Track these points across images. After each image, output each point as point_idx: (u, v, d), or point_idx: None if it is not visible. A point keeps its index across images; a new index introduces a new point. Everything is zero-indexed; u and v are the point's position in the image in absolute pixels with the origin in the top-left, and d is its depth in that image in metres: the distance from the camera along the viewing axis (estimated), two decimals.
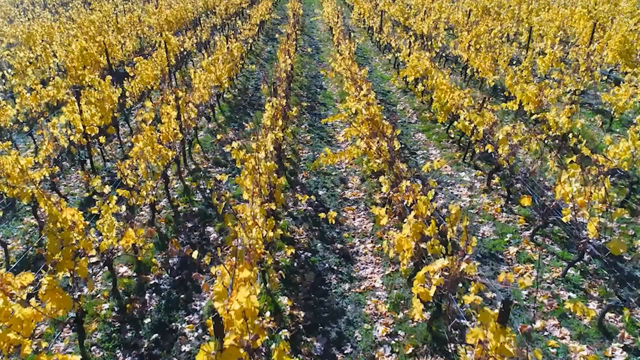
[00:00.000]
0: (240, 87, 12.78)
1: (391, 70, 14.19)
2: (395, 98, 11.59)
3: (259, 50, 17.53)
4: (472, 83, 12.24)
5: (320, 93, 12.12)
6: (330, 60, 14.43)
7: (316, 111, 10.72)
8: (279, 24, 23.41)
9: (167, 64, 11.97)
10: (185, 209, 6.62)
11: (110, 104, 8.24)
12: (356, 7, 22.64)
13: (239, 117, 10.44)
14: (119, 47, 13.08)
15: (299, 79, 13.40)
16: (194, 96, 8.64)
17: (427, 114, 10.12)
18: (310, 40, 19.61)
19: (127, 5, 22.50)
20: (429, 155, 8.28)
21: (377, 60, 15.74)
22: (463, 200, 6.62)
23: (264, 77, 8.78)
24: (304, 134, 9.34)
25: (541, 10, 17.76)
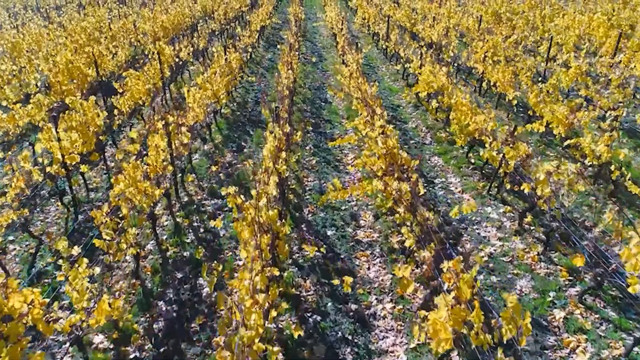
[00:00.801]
0: (240, 100, 11.96)
1: (400, 81, 13.36)
2: (406, 114, 10.76)
3: (259, 58, 16.71)
4: (488, 97, 11.42)
5: (325, 107, 11.29)
6: (336, 73, 13.62)
7: (321, 129, 9.89)
8: (280, 29, 22.58)
9: (161, 76, 11.15)
10: (175, 254, 5.79)
11: (94, 127, 7.42)
12: (360, 11, 21.82)
13: (238, 136, 9.61)
14: (110, 57, 12.25)
15: (302, 90, 12.58)
16: (187, 118, 7.81)
17: (442, 133, 9.29)
18: (313, 46, 18.79)
19: (122, 9, 21.67)
20: (448, 184, 7.45)
21: (383, 70, 14.91)
22: (492, 244, 5.79)
23: (264, 98, 7.99)
24: (308, 157, 8.52)
25: (556, 16, 16.94)
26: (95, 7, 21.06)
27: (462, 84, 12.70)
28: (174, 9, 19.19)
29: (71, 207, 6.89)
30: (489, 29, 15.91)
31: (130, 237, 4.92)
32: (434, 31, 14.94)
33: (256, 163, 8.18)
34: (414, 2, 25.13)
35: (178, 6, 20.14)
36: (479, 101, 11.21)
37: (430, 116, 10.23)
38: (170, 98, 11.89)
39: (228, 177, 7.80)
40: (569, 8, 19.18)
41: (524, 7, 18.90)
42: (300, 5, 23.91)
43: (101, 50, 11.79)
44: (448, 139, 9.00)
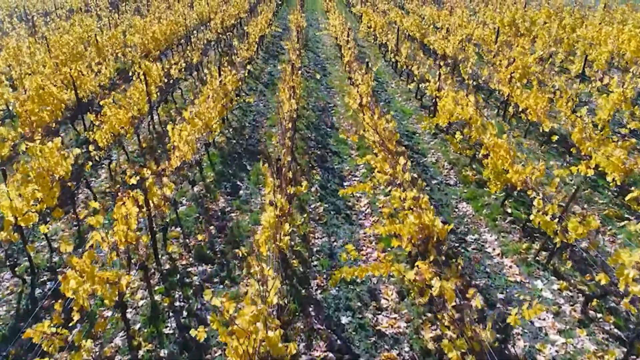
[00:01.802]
0: (236, 124, 10.73)
1: (413, 101, 12.13)
2: (423, 143, 9.53)
3: (258, 71, 15.47)
4: (514, 121, 10.19)
5: (331, 135, 10.05)
6: (342, 90, 12.39)
7: (328, 164, 8.66)
8: (281, 37, 21.35)
9: (147, 99, 9.92)
10: (150, 355, 4.56)
11: (60, 173, 6.19)
12: (365, 18, 20.61)
13: (233, 172, 8.38)
14: (93, 76, 11.01)
15: (305, 113, 11.35)
16: (171, 160, 6.58)
17: (468, 171, 8.06)
18: (316, 57, 17.55)
19: (113, 17, 20.44)
20: (483, 243, 6.22)
21: (393, 86, 13.68)
22: (553, 341, 4.56)
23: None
24: (314, 203, 7.28)
25: (577, 27, 15.72)
26: (83, 15, 19.81)
27: (483, 104, 11.49)
28: (167, 18, 17.96)
29: (28, 276, 5.67)
30: (508, 42, 14.69)
31: (83, 354, 3.69)
32: (449, 44, 13.71)
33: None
34: (421, 9, 23.92)
35: (172, 14, 18.91)
36: (503, 127, 9.99)
37: (451, 146, 9.00)
38: (159, 122, 10.66)
39: (220, 232, 6.57)
40: (591, 17, 17.96)
41: (541, 15, 17.68)
42: (301, 11, 22.69)
43: (81, 69, 10.56)
44: (476, 179, 7.77)
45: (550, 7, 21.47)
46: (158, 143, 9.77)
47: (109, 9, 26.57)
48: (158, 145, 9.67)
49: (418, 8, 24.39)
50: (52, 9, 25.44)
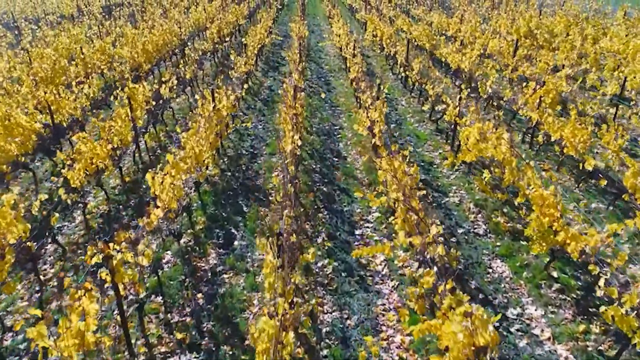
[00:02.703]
0: (232, 152, 9.63)
1: (427, 123, 11.02)
2: (442, 177, 8.43)
3: (257, 86, 14.38)
4: (542, 150, 9.10)
5: (339, 166, 8.95)
6: (348, 110, 11.29)
7: (336, 204, 7.56)
8: (281, 46, 20.26)
9: (132, 125, 8.83)
10: None
11: (12, 239, 5.09)
12: (370, 26, 19.52)
13: (227, 217, 7.28)
14: (73, 98, 9.92)
15: (309, 138, 10.25)
16: (151, 217, 5.49)
17: (499, 216, 6.97)
18: (319, 69, 16.46)
19: (105, 25, 19.33)
20: (529, 320, 5.12)
21: (404, 104, 12.58)
22: None
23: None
24: (321, 261, 6.18)
25: (600, 38, 14.62)
26: (75, 22, 18.70)
27: (505, 127, 10.38)
28: (160, 27, 16.86)
29: None
30: (529, 56, 13.59)
31: None
32: (464, 58, 12.61)
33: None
34: (428, 15, 22.84)
35: (166, 22, 17.81)
36: (527, 153, 8.90)
37: (477, 184, 7.91)
38: (146, 149, 9.56)
39: (210, 302, 5.48)
40: (612, 26, 16.86)
41: (559, 24, 16.58)
42: (302, 17, 21.60)
43: (60, 91, 9.47)
44: (509, 228, 6.68)
45: (564, 12, 20.39)
46: (144, 176, 8.67)
47: (102, 14, 25.48)
48: (143, 179, 8.57)
49: (425, 14, 23.30)
50: (42, 15, 24.32)
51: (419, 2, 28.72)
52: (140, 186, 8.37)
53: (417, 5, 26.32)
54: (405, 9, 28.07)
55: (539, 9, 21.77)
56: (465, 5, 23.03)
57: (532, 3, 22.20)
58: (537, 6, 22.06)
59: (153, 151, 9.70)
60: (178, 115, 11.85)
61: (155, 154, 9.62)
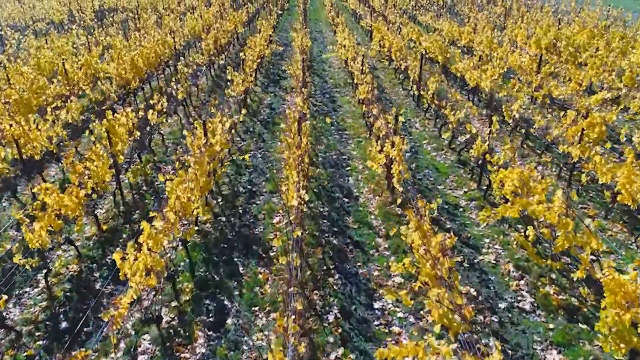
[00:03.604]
0: (227, 190, 8.45)
1: (446, 151, 9.83)
2: (471, 225, 7.24)
3: (257, 104, 13.20)
4: (585, 191, 7.91)
5: (349, 209, 7.76)
6: (357, 133, 10.09)
7: (349, 265, 6.37)
8: (282, 56, 19.07)
9: (112, 163, 7.65)
10: None
11: None
12: (377, 35, 18.35)
13: (220, 282, 6.10)
14: (48, 126, 8.74)
15: (314, 170, 9.06)
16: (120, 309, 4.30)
17: (547, 284, 5.78)
18: (323, 84, 15.27)
19: (95, 35, 18.13)
20: None
21: (418, 127, 11.38)
22: None
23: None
24: (334, 350, 4.98)
25: (628, 51, 13.43)
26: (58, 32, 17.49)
27: (534, 158, 9.21)
28: (153, 37, 15.67)
29: None
30: (555, 73, 12.41)
31: None
32: (484, 76, 11.42)
33: None
34: (437, 23, 21.66)
35: (159, 33, 16.61)
36: (566, 192, 7.72)
37: (516, 238, 6.73)
38: (130, 187, 8.37)
39: None
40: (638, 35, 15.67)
41: (581, 35, 15.39)
42: (304, 25, 20.41)
43: (31, 121, 8.29)
44: (563, 303, 5.49)
45: (582, 20, 19.21)
46: (125, 222, 7.49)
47: (94, 20, 24.30)
48: (124, 226, 7.39)
49: (434, 22, 22.12)
50: (31, 22, 23.12)
51: (426, 8, 27.54)
52: (121, 235, 7.19)
53: (425, 12, 25.13)
54: (411, 15, 26.89)
55: (555, 16, 20.59)
56: (475, 12, 21.85)
57: (547, 10, 21.01)
58: (552, 12, 20.86)
59: (138, 188, 8.52)
60: (168, 140, 10.67)
61: (140, 191, 8.43)
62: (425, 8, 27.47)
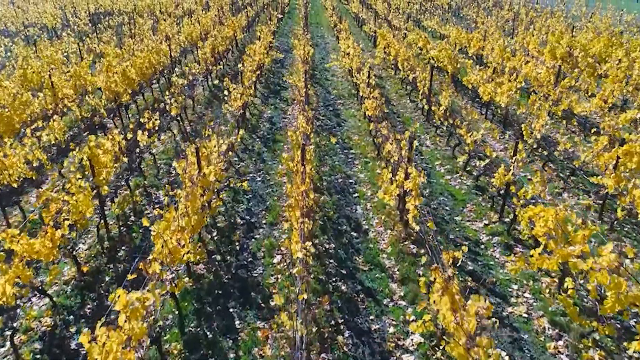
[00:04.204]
0: (223, 222, 7.67)
1: (461, 174, 9.06)
2: (496, 267, 6.46)
3: (256, 118, 12.43)
4: (621, 225, 7.14)
5: (359, 245, 6.99)
6: (364, 152, 9.30)
7: (361, 319, 5.59)
8: (282, 65, 18.31)
9: (97, 191, 6.88)
10: None
11: None
12: (381, 42, 17.58)
13: (213, 340, 5.32)
14: (27, 151, 7.97)
15: (319, 197, 8.29)
16: None
17: (591, 348, 5.01)
18: (326, 95, 14.51)
19: (87, 42, 17.35)
20: None
21: (429, 145, 10.61)
22: None
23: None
24: None
25: None
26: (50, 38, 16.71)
27: (558, 184, 8.44)
28: (146, 47, 14.91)
29: None
30: (575, 87, 11.64)
31: None
32: (500, 90, 10.65)
33: None
34: (443, 28, 20.88)
35: (153, 40, 15.84)
36: (624, 252, 6.95)
37: (547, 282, 5.96)
38: (116, 218, 7.59)
39: None
40: None
41: (597, 43, 14.62)
42: (305, 30, 19.65)
43: (7, 147, 7.53)
44: None
45: (594, 25, 18.44)
46: (109, 260, 6.72)
47: (89, 24, 23.54)
48: (108, 266, 6.62)
49: (439, 27, 21.34)
50: (22, 27, 22.33)
51: (431, 12, 26.77)
52: (104, 277, 6.42)
53: (430, 16, 24.35)
54: (415, 19, 26.12)
55: (567, 22, 19.83)
56: (483, 17, 21.07)
57: (558, 15, 20.24)
58: (564, 18, 20.09)
59: (125, 219, 7.74)
60: (161, 160, 9.89)
61: (127, 223, 7.66)
62: (430, 12, 26.69)
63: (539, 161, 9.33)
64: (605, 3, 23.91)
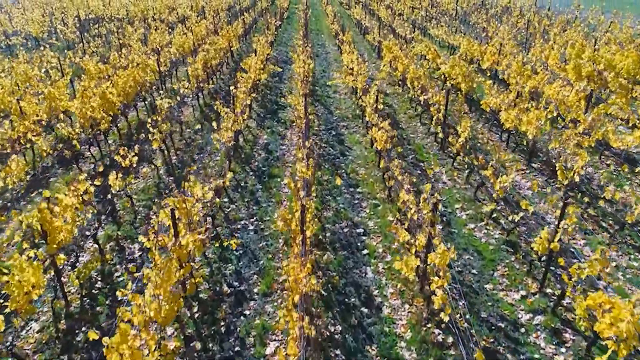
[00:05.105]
0: (206, 292, 6.40)
1: (487, 222, 7.77)
2: (540, 359, 5.20)
3: (250, 144, 11.16)
4: None
5: (371, 327, 5.71)
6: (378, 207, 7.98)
7: None
8: (280, 79, 17.03)
9: (51, 262, 5.62)
10: None
11: None
12: (387, 54, 16.31)
13: None
14: None
15: (321, 256, 7.01)
16: None
17: None
18: (328, 116, 13.24)
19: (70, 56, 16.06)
20: None
21: (446, 181, 9.33)
22: None
23: None
24: None
25: None
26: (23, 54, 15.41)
27: (602, 238, 7.16)
28: (132, 64, 13.64)
29: None
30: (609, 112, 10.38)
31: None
32: (525, 118, 9.38)
33: None
34: (452, 38, 19.61)
35: (139, 56, 14.55)
36: None
37: None
38: (80, 285, 6.31)
39: None
40: None
41: (625, 59, 13.33)
42: (305, 40, 18.36)
43: None
44: None
45: (612, 36, 17.15)
46: (64, 349, 5.45)
47: (76, 33, 22.26)
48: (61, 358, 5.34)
49: (448, 37, 20.07)
50: (3, 37, 21.02)
51: (437, 19, 25.49)
52: None
53: (436, 24, 23.07)
54: (421, 27, 24.84)
55: (584, 30, 18.55)
56: (495, 27, 19.79)
57: (576, 24, 18.96)
58: (581, 27, 18.81)
59: (90, 286, 6.47)
60: (140, 202, 8.62)
61: (92, 291, 6.38)
62: (436, 19, 25.41)
63: (576, 205, 8.06)
64: (622, 9, 22.65)
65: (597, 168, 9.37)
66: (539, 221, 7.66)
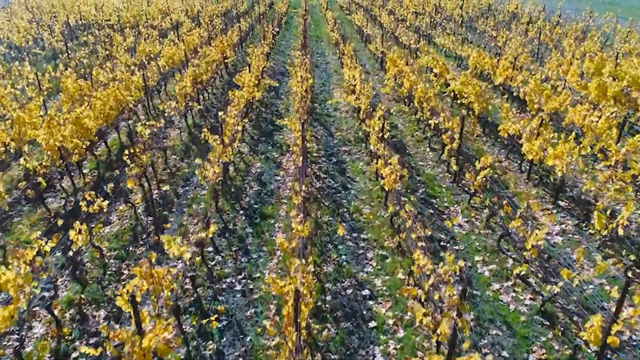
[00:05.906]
0: (191, 335, 5.27)
1: (514, 283, 6.62)
2: None
3: (242, 174, 10.02)
4: None
5: None
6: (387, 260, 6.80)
7: None
8: (277, 94, 15.89)
9: None
10: None
11: None
12: (391, 68, 15.18)
13: None
14: None
15: (321, 331, 5.87)
16: None
17: None
18: (327, 138, 12.11)
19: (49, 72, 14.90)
20: None
21: (462, 222, 8.19)
22: None
23: None
24: None
25: None
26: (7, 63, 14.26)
27: None
28: (114, 82, 12.51)
29: None
30: None
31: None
32: (552, 151, 8.23)
33: None
34: (460, 49, 18.47)
35: (123, 72, 13.41)
36: None
37: None
38: None
39: None
40: None
41: None
42: (304, 50, 17.20)
43: None
44: None
45: (631, 46, 16.03)
46: None
47: (62, 42, 21.12)
48: None
49: (455, 47, 18.93)
50: None
51: (442, 26, 24.35)
52: None
53: (442, 31, 21.93)
54: (425, 34, 23.69)
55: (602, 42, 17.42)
56: (505, 36, 18.64)
57: (593, 34, 17.82)
58: (597, 38, 17.67)
59: None
60: (111, 252, 7.47)
61: None
62: (441, 26, 24.27)
63: (617, 260, 6.91)
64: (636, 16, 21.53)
65: (637, 209, 8.24)
66: (581, 284, 6.51)
